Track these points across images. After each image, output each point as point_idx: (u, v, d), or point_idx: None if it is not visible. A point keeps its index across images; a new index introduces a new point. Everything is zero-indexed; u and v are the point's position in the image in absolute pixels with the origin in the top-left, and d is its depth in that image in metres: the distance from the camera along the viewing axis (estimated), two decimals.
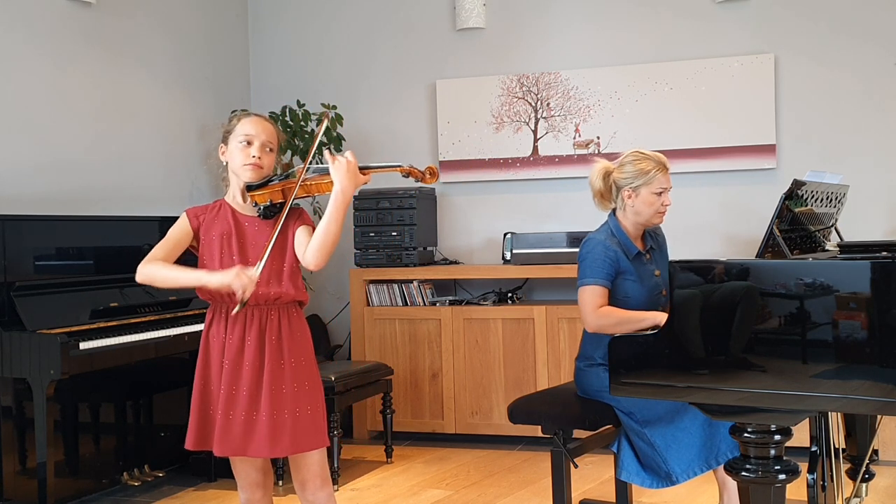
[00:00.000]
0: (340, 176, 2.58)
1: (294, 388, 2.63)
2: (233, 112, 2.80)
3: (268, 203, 2.67)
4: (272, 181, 2.71)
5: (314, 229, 2.68)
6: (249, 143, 2.68)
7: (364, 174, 2.64)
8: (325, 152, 2.69)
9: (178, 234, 2.72)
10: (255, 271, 2.55)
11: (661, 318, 2.76)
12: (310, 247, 2.61)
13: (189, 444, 2.68)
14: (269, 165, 2.72)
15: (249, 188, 2.69)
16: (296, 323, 2.70)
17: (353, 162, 2.60)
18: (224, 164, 2.76)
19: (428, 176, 2.70)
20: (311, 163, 2.71)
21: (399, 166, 2.71)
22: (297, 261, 2.69)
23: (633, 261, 3.16)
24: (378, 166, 2.71)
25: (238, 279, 2.52)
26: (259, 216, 2.69)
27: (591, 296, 3.07)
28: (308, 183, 2.68)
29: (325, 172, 2.66)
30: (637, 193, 3.16)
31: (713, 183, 5.06)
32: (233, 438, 2.61)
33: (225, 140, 2.74)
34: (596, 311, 3.05)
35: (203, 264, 2.70)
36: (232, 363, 2.63)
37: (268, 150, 2.71)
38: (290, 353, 2.65)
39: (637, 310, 3.07)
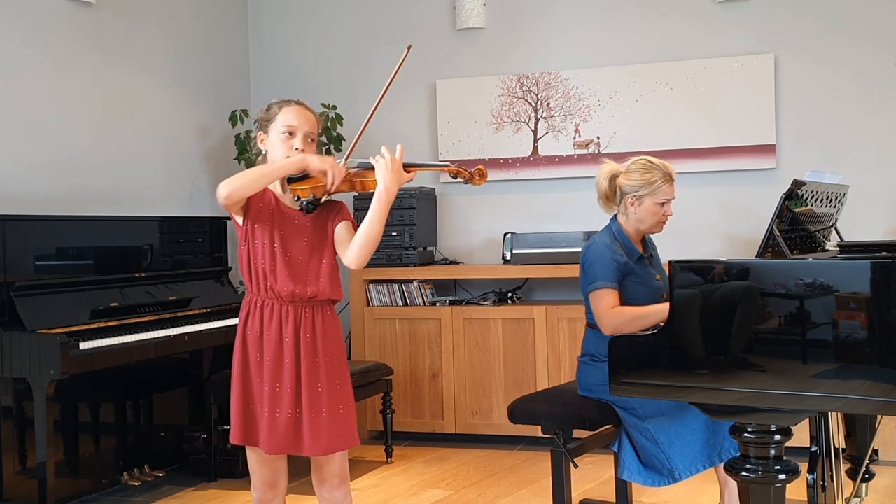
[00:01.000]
0: (384, 174, 2.55)
1: (329, 386, 2.62)
2: (272, 101, 2.72)
3: (310, 198, 2.61)
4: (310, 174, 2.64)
5: (354, 224, 2.66)
6: (291, 135, 2.63)
7: (408, 171, 2.61)
8: (371, 158, 2.62)
9: None
10: (342, 161, 2.56)
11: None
12: (352, 246, 2.59)
13: (235, 440, 2.66)
14: None
15: (290, 180, 2.63)
16: (329, 321, 2.67)
17: (397, 160, 2.57)
18: (262, 152, 2.71)
19: (477, 177, 2.64)
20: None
21: (447, 166, 2.65)
22: (335, 257, 2.66)
23: (636, 264, 3.17)
24: (424, 165, 2.67)
25: (333, 168, 2.54)
26: (301, 210, 2.64)
27: (605, 298, 3.08)
28: (352, 179, 2.62)
29: (369, 167, 2.61)
30: (641, 202, 3.17)
31: (713, 183, 5.06)
32: (279, 437, 2.59)
33: (263, 128, 2.68)
34: (610, 312, 3.06)
35: (246, 246, 2.62)
36: (273, 360, 2.60)
37: (309, 140, 2.66)
38: (324, 352, 2.63)
39: None
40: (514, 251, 5.02)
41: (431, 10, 5.56)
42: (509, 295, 5.13)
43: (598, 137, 5.22)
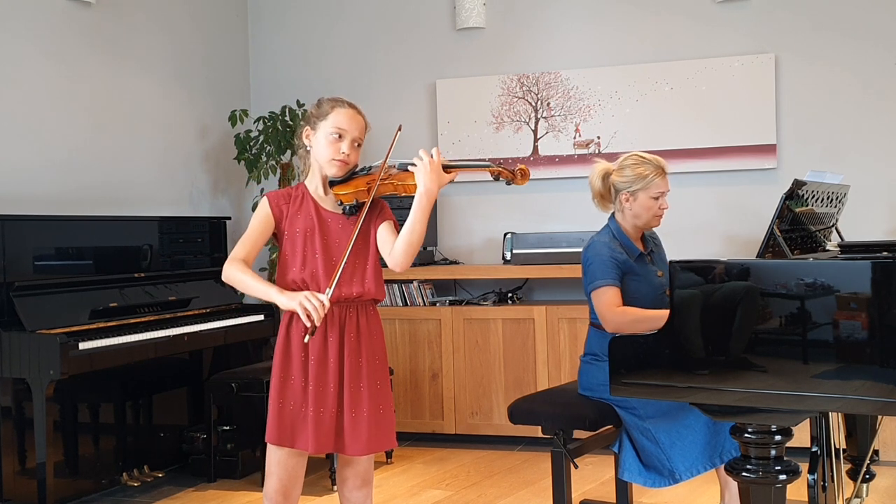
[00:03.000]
0: (423, 177, 2.53)
1: (370, 386, 2.61)
2: (325, 98, 2.72)
3: (353, 203, 2.60)
4: (356, 175, 2.63)
5: (395, 223, 2.65)
6: (340, 138, 2.62)
7: (448, 172, 2.58)
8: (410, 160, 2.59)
9: (261, 224, 2.66)
10: (326, 296, 2.49)
11: None
12: (395, 249, 2.58)
13: (270, 439, 2.62)
14: (354, 161, 2.66)
15: (332, 182, 2.62)
16: (373, 321, 2.67)
17: (436, 161, 2.55)
18: (307, 147, 2.68)
19: (519, 177, 2.58)
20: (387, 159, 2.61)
21: (488, 166, 2.59)
22: (379, 256, 2.65)
23: (636, 261, 3.17)
24: (464, 165, 2.63)
25: (306, 302, 2.47)
26: (344, 214, 2.63)
27: (607, 296, 3.07)
28: (394, 182, 2.59)
29: (408, 169, 2.59)
30: (635, 197, 3.17)
31: (713, 183, 5.06)
32: (324, 435, 2.57)
33: (311, 124, 2.66)
34: (613, 310, 3.05)
35: (284, 257, 2.64)
36: (318, 360, 2.59)
37: (356, 145, 2.65)
38: (367, 352, 2.63)
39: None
40: (515, 251, 5.02)
41: (431, 10, 5.56)
42: (509, 295, 5.13)
43: (599, 137, 5.21)
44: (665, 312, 2.93)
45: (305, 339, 2.52)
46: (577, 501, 3.71)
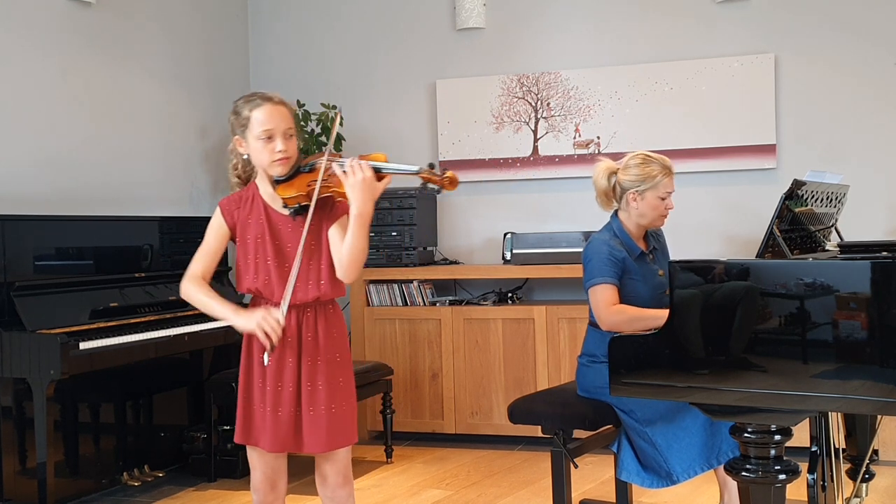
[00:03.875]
0: (356, 197, 2.46)
1: (328, 384, 2.62)
2: (238, 100, 2.65)
3: (297, 206, 2.56)
4: (300, 172, 2.57)
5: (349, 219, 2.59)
6: (271, 138, 2.55)
7: (380, 179, 2.50)
8: (335, 165, 2.51)
9: (216, 235, 2.65)
10: (281, 313, 2.49)
11: None
12: (339, 264, 2.55)
13: (237, 439, 2.68)
14: (294, 152, 2.60)
15: (277, 181, 2.58)
16: (332, 320, 2.66)
17: (367, 177, 2.47)
18: (244, 156, 2.64)
19: (447, 184, 2.51)
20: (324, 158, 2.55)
21: (418, 171, 2.52)
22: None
23: (636, 261, 3.17)
24: (395, 170, 2.54)
25: (263, 323, 2.47)
26: (291, 216, 2.59)
27: (603, 294, 3.07)
28: (333, 189, 2.53)
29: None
30: (643, 197, 3.16)
31: (713, 183, 5.06)
32: (283, 435, 2.60)
33: (239, 133, 2.61)
34: (609, 308, 3.05)
35: (238, 266, 2.65)
36: (276, 361, 2.60)
37: (289, 136, 2.58)
38: (325, 350, 2.62)
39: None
40: (514, 251, 5.02)
41: (431, 10, 5.56)
42: (509, 295, 5.13)
43: (599, 137, 5.21)
44: (662, 312, 2.94)
45: (265, 361, 2.53)
46: (576, 501, 3.71)
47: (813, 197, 3.11)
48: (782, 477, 2.39)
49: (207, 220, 2.71)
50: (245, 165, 2.69)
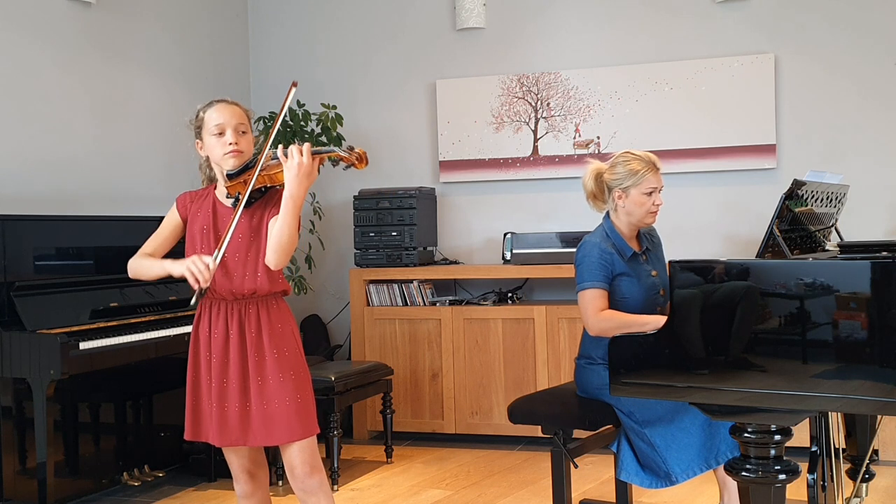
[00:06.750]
0: (290, 180, 2.49)
1: (280, 378, 2.64)
2: (198, 107, 2.82)
3: (237, 195, 2.62)
4: (248, 167, 2.65)
5: None
6: (222, 133, 2.69)
7: (313, 160, 2.53)
8: (279, 148, 2.55)
9: (169, 223, 2.79)
10: (213, 259, 2.53)
11: (662, 321, 2.76)
12: (268, 247, 2.59)
13: (187, 435, 2.75)
14: (247, 147, 2.69)
15: (230, 176, 2.66)
16: (275, 315, 2.69)
17: (305, 164, 2.49)
18: (204, 158, 2.79)
19: (356, 161, 2.52)
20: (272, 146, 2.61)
21: (331, 151, 2.55)
22: None
23: (629, 262, 3.16)
24: (319, 152, 2.55)
25: (192, 266, 2.51)
26: (232, 206, 2.65)
27: (592, 299, 3.07)
28: (268, 174, 2.57)
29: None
30: (627, 194, 3.16)
31: (713, 183, 5.06)
32: (230, 429, 2.65)
33: (198, 135, 2.77)
34: (597, 314, 3.05)
35: (186, 256, 2.68)
36: (219, 357, 2.65)
37: (241, 132, 2.70)
38: (272, 346, 2.65)
39: (635, 310, 3.08)
40: (514, 251, 5.02)
41: (431, 10, 5.56)
42: (509, 295, 5.13)
43: (599, 137, 5.22)
44: (650, 318, 2.94)
45: (192, 302, 2.57)
46: (576, 501, 3.71)
47: (813, 197, 3.11)
48: (782, 477, 2.39)
49: None
50: (207, 167, 2.83)
